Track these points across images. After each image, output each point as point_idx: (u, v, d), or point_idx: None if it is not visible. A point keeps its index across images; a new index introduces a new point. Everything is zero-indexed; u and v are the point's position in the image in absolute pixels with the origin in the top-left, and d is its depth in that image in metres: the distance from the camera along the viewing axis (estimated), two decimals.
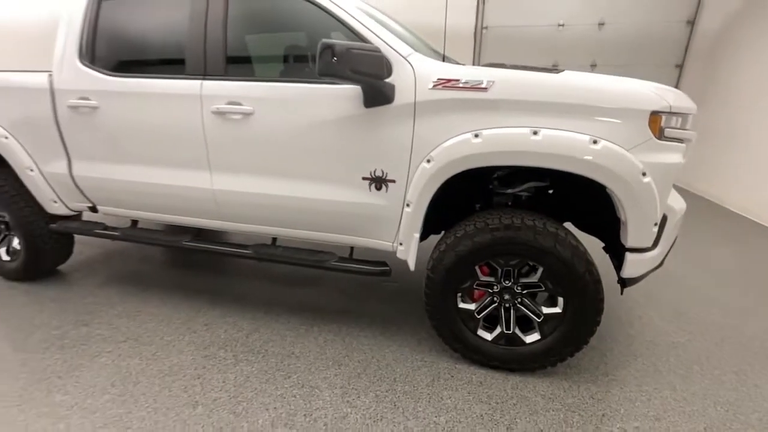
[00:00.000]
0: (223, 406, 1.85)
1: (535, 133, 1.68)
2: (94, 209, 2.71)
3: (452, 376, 2.06)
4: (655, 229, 1.72)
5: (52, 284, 2.98)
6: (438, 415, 1.81)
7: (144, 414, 1.81)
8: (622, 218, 1.74)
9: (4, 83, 2.47)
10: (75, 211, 2.76)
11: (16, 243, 2.91)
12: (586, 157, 1.64)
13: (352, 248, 2.38)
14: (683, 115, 1.72)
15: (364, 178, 1.99)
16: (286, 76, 2.03)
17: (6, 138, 2.53)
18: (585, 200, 2.16)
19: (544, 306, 1.96)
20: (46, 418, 1.78)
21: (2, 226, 2.93)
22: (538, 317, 1.96)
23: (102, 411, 1.82)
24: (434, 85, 1.80)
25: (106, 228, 2.68)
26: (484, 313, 2.04)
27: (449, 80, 1.78)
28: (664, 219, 1.76)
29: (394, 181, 1.95)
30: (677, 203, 1.91)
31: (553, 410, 1.84)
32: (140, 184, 2.39)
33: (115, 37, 2.34)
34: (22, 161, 2.56)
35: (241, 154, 2.13)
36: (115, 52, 2.35)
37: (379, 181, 1.98)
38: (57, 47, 2.38)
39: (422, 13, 5.96)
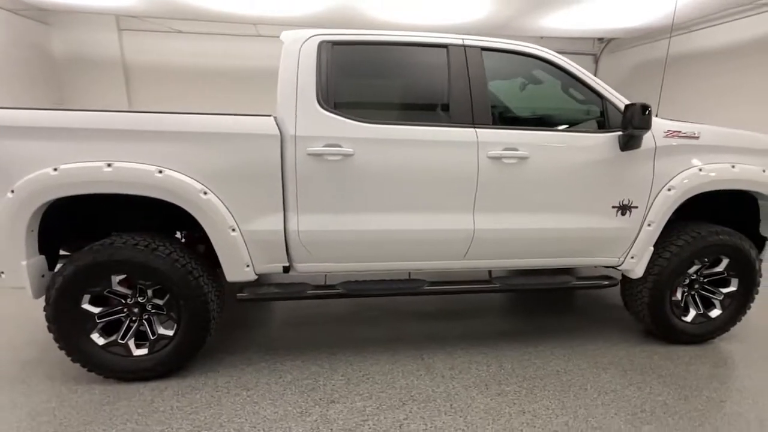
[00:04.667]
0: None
1: (732, 166, 2.49)
2: (287, 269, 2.36)
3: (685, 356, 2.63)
4: None
5: (189, 373, 2.35)
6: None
7: None
8: None
9: (213, 128, 2.03)
10: (258, 275, 2.34)
11: (161, 329, 2.24)
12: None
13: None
14: None
15: (613, 207, 2.46)
16: (543, 126, 2.37)
17: (205, 194, 2.05)
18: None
19: (721, 287, 2.74)
20: None
21: (135, 310, 2.22)
22: (719, 297, 2.72)
23: None
24: (666, 135, 2.45)
25: (318, 287, 2.36)
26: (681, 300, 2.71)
27: (675, 131, 2.46)
28: None
29: (636, 207, 2.48)
30: None
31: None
32: (384, 231, 2.27)
33: (357, 85, 2.25)
34: (223, 220, 2.09)
35: (510, 194, 2.33)
36: (360, 99, 2.25)
37: (624, 208, 2.47)
38: (283, 92, 2.14)
39: None
